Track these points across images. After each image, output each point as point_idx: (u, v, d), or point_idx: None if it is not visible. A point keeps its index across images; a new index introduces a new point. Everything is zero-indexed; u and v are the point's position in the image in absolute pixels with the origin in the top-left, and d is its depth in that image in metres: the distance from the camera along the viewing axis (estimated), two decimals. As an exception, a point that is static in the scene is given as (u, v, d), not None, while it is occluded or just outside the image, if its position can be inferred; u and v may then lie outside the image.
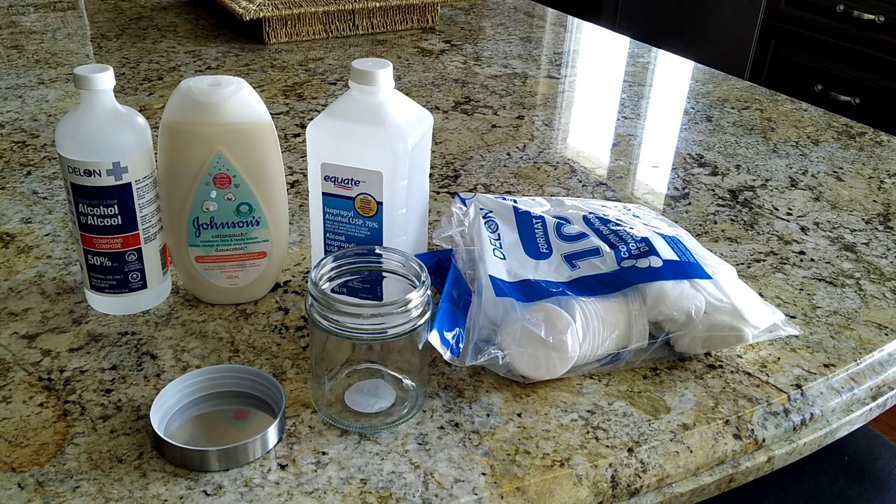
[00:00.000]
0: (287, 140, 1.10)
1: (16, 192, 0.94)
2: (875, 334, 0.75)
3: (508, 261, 0.69)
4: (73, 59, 1.37)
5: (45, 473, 0.56)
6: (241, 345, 0.70)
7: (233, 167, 0.68)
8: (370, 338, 0.59)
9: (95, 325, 0.71)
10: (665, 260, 0.68)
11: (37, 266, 0.80)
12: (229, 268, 0.73)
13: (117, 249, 0.70)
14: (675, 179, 1.05)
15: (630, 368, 0.69)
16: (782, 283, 0.83)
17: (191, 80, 0.69)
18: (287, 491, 0.55)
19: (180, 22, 1.61)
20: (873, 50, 2.20)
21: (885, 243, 0.91)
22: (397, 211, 0.69)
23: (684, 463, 0.61)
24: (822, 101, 2.31)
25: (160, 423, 0.60)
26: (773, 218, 0.95)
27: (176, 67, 1.35)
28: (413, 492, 0.56)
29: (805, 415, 0.67)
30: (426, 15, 1.64)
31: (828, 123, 1.25)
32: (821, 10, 2.30)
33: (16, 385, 0.64)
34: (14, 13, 1.62)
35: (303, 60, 1.42)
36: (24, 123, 1.12)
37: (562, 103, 1.30)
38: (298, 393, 0.64)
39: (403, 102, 0.70)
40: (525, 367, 0.65)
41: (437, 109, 1.24)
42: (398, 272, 0.64)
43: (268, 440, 0.58)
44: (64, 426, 0.60)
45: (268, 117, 0.70)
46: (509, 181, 1.02)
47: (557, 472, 0.58)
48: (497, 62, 1.47)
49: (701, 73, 1.46)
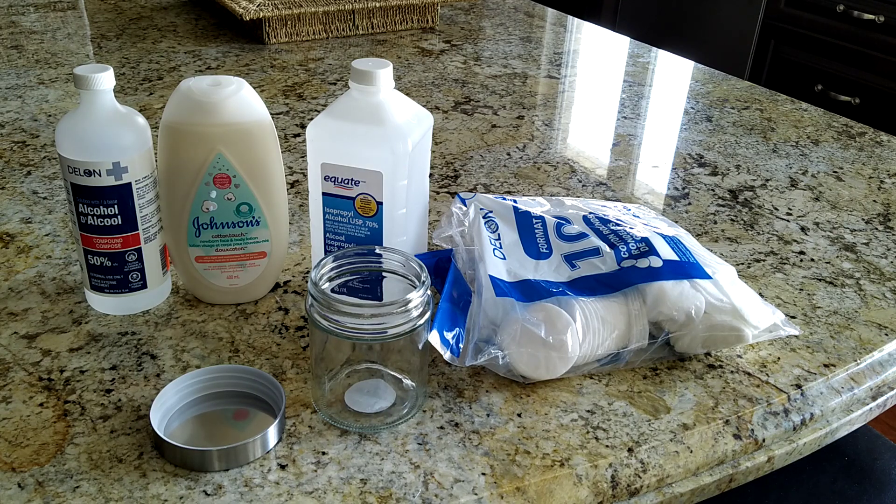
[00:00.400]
0: (287, 140, 1.10)
1: (16, 192, 0.94)
2: (875, 334, 0.75)
3: (508, 261, 0.69)
4: (73, 59, 1.37)
5: (45, 473, 0.56)
6: (241, 345, 0.70)
7: (233, 167, 0.68)
8: (370, 338, 0.59)
9: (95, 325, 0.71)
10: (665, 260, 0.68)
11: (37, 266, 0.80)
12: (229, 268, 0.73)
13: (117, 249, 0.70)
14: (675, 179, 1.05)
15: (630, 368, 0.69)
16: (782, 283, 0.83)
17: (191, 80, 0.69)
18: (287, 491, 0.55)
19: (180, 22, 1.61)
20: (873, 50, 2.20)
21: (885, 243, 0.91)
22: (397, 211, 0.69)
23: (684, 463, 0.61)
24: (822, 101, 2.31)
25: (160, 423, 0.60)
26: (773, 218, 0.95)
27: (176, 67, 1.35)
28: (413, 492, 0.56)
29: (805, 415, 0.67)
30: (426, 15, 1.64)
31: (828, 123, 1.25)
32: (821, 10, 2.31)
33: (16, 385, 0.64)
34: (14, 13, 1.62)
35: (303, 60, 1.42)
36: (24, 123, 1.12)
37: (562, 103, 1.30)
38: (298, 393, 0.64)
39: (403, 102, 0.70)
40: (525, 367, 0.65)
41: (437, 109, 1.24)
42: (398, 272, 0.64)
43: (268, 440, 0.58)
44: (64, 426, 0.60)
45: (268, 117, 0.70)
46: (509, 181, 1.02)
47: (557, 472, 0.58)
48: (497, 62, 1.47)
49: (701, 73, 1.46)
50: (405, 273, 0.63)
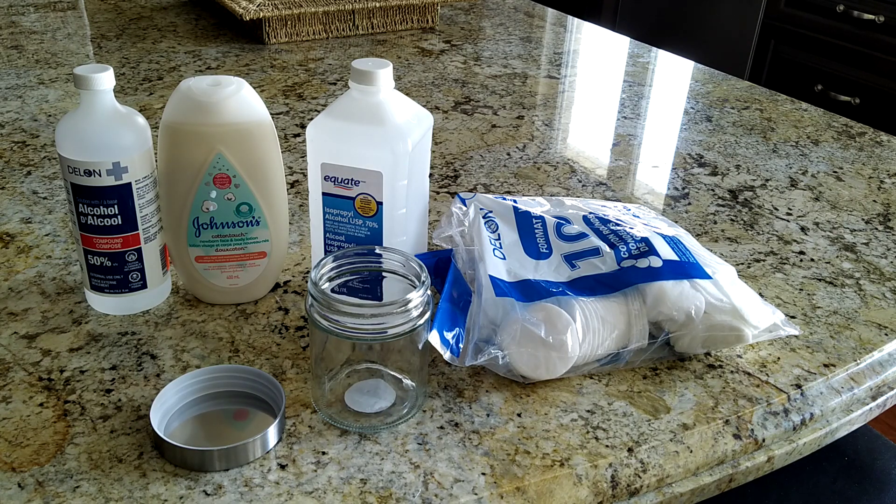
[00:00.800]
0: (287, 140, 1.10)
1: (16, 192, 0.94)
2: (875, 334, 0.75)
3: (508, 261, 0.69)
4: (73, 59, 1.37)
5: (45, 473, 0.56)
6: (241, 345, 0.70)
7: (233, 167, 0.68)
8: (370, 338, 0.59)
9: (95, 325, 0.71)
10: (665, 260, 0.68)
11: (37, 266, 0.80)
12: (229, 268, 0.73)
13: (117, 249, 0.70)
14: (675, 179, 1.05)
15: (630, 368, 0.69)
16: (782, 283, 0.83)
17: (191, 80, 0.69)
18: (287, 491, 0.55)
19: (180, 22, 1.61)
20: (873, 50, 2.20)
21: (885, 243, 0.91)
22: (397, 211, 0.69)
23: (684, 463, 0.61)
24: (822, 101, 2.31)
25: (160, 423, 0.60)
26: (773, 218, 0.95)
27: (176, 67, 1.35)
28: (413, 492, 0.56)
29: (805, 415, 0.67)
30: (426, 15, 1.64)
31: (828, 123, 1.25)
32: (821, 10, 2.30)
33: (16, 385, 0.64)
34: (14, 13, 1.62)
35: (303, 60, 1.42)
36: (24, 123, 1.12)
37: (562, 103, 1.30)
38: (298, 393, 0.64)
39: (403, 102, 0.70)
40: (525, 367, 0.65)
41: (437, 109, 1.24)
42: (398, 272, 0.64)
43: (268, 440, 0.58)
44: (64, 426, 0.60)
45: (268, 117, 0.70)
46: (509, 181, 1.02)
47: (557, 472, 0.58)
48: (497, 62, 1.47)
49: (701, 73, 1.46)
50: (405, 273, 0.63)
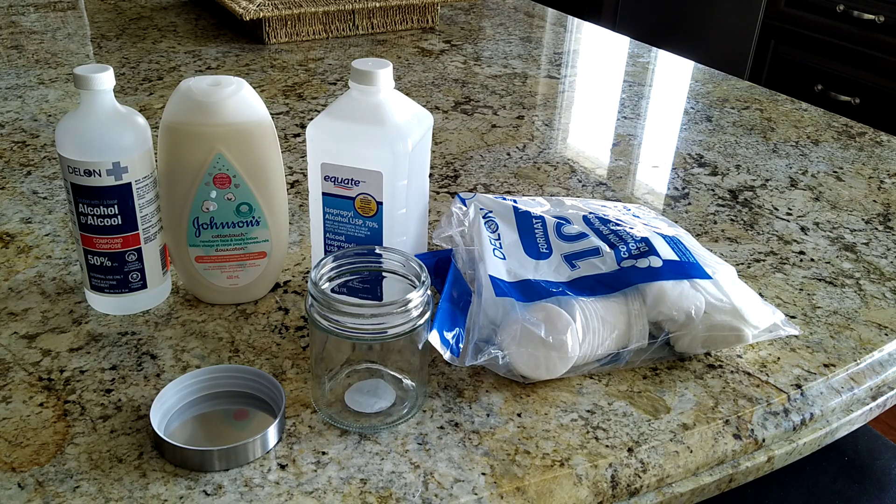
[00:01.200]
0: (287, 140, 1.10)
1: (16, 192, 0.94)
2: (875, 334, 0.75)
3: (508, 261, 0.69)
4: (73, 59, 1.37)
5: (45, 473, 0.56)
6: (241, 345, 0.70)
7: (233, 167, 0.68)
8: (370, 338, 0.59)
9: (95, 325, 0.71)
10: (665, 260, 0.68)
11: (37, 266, 0.80)
12: (229, 268, 0.73)
13: (117, 249, 0.70)
14: (675, 179, 1.05)
15: (630, 368, 0.69)
16: (782, 283, 0.83)
17: (191, 80, 0.69)
18: (287, 491, 0.55)
19: (180, 22, 1.61)
20: (873, 50, 2.20)
21: (885, 243, 0.91)
22: (397, 211, 0.69)
23: (684, 463, 0.61)
24: (822, 101, 2.31)
25: (160, 423, 0.60)
26: (773, 218, 0.95)
27: (176, 67, 1.35)
28: (413, 492, 0.56)
29: (805, 415, 0.67)
30: (426, 15, 1.64)
31: (828, 123, 1.25)
32: (821, 10, 2.31)
33: (16, 385, 0.64)
34: (14, 13, 1.62)
35: (303, 60, 1.42)
36: (24, 123, 1.12)
37: (562, 103, 1.30)
38: (298, 393, 0.64)
39: (403, 102, 0.70)
40: (525, 367, 0.65)
41: (437, 109, 1.24)
42: (398, 272, 0.64)
43: (268, 440, 0.58)
44: (64, 426, 0.60)
45: (268, 117, 0.70)
46: (509, 181, 1.02)
47: (557, 472, 0.58)
48: (497, 62, 1.47)
49: (701, 73, 1.46)
50: (405, 273, 0.63)
